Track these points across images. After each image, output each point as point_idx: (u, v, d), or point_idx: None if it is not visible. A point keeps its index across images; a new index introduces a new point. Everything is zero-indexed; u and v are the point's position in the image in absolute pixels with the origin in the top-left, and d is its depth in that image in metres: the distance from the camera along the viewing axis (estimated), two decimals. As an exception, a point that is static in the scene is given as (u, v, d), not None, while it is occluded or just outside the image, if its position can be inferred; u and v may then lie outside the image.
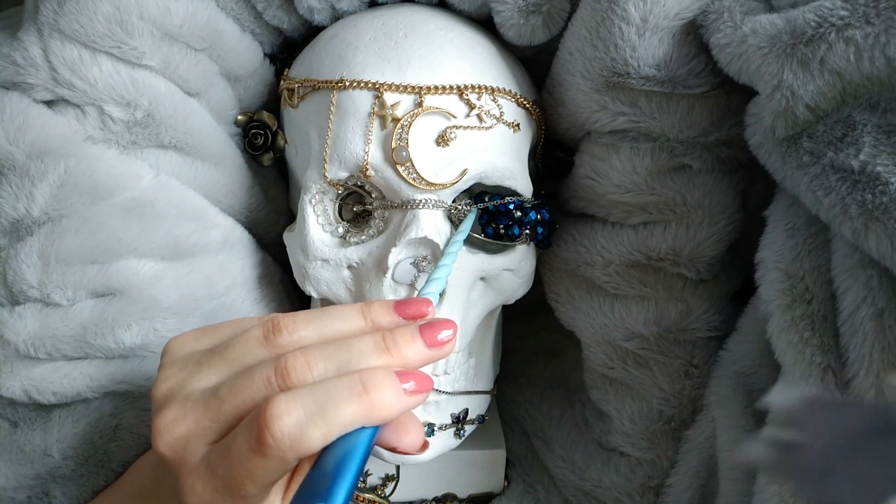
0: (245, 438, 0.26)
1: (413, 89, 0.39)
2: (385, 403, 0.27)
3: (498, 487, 0.51)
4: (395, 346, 0.29)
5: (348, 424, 0.27)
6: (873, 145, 0.33)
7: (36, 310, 0.40)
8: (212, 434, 0.28)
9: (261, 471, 0.26)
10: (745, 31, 0.36)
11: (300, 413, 0.26)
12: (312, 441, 0.26)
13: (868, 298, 0.33)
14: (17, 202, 0.39)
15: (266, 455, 0.26)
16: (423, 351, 0.30)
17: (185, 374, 0.30)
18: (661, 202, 0.44)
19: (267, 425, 0.26)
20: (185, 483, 0.28)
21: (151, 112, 0.41)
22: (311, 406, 0.26)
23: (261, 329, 0.30)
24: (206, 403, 0.28)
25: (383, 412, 0.27)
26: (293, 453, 0.26)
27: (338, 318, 0.31)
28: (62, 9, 0.38)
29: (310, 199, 0.42)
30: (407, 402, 0.28)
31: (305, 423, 0.26)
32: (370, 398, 0.27)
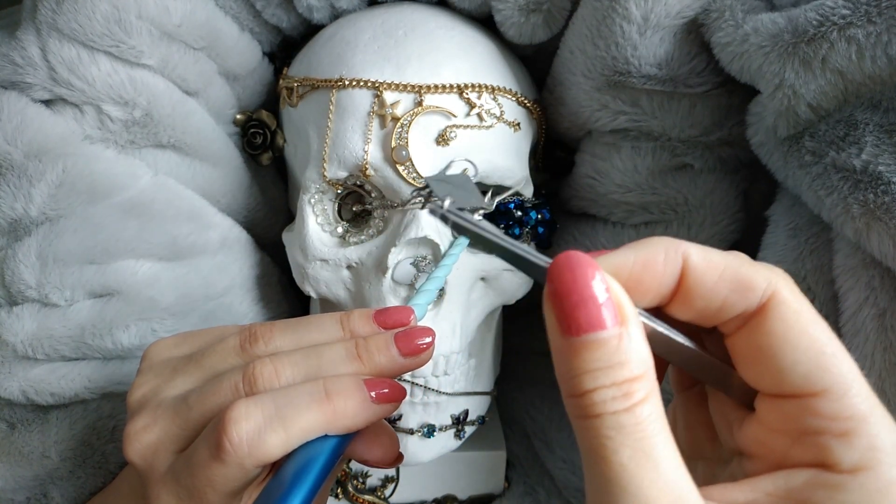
0: (206, 445, 0.26)
1: (413, 88, 0.39)
2: (349, 411, 0.26)
3: (498, 489, 0.51)
4: (368, 354, 0.28)
5: (308, 431, 0.26)
6: (875, 145, 0.33)
7: (34, 310, 0.40)
8: (180, 442, 0.28)
9: (220, 478, 0.26)
10: (746, 29, 0.36)
11: (259, 418, 0.26)
12: (271, 447, 0.25)
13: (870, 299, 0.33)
14: (15, 202, 0.39)
15: (224, 461, 0.25)
16: (396, 359, 0.29)
17: (159, 380, 0.30)
18: (662, 202, 0.43)
19: (225, 430, 0.25)
20: (152, 492, 0.28)
21: (150, 111, 0.41)
22: (271, 411, 0.26)
23: (238, 338, 0.30)
24: (175, 410, 0.28)
25: (347, 420, 0.26)
26: (251, 460, 0.25)
27: (315, 328, 0.30)
28: (60, 8, 0.37)
29: (309, 199, 0.42)
30: (374, 412, 0.27)
31: (264, 428, 0.25)
32: (332, 405, 0.26)
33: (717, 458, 0.25)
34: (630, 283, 0.22)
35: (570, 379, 0.20)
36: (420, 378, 0.40)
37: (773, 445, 0.22)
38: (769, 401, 0.22)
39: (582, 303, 0.20)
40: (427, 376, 0.40)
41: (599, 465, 0.19)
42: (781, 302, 0.21)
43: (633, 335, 0.20)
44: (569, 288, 0.20)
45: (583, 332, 0.20)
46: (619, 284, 0.21)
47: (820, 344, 0.21)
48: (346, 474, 0.48)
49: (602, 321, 0.20)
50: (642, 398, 0.20)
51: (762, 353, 0.21)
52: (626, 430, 0.19)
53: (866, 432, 0.20)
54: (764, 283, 0.21)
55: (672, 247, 0.22)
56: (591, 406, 0.20)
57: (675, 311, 0.23)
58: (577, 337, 0.20)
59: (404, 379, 0.40)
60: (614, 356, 0.20)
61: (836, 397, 0.20)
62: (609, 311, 0.20)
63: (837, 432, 0.20)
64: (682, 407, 0.27)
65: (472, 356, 0.44)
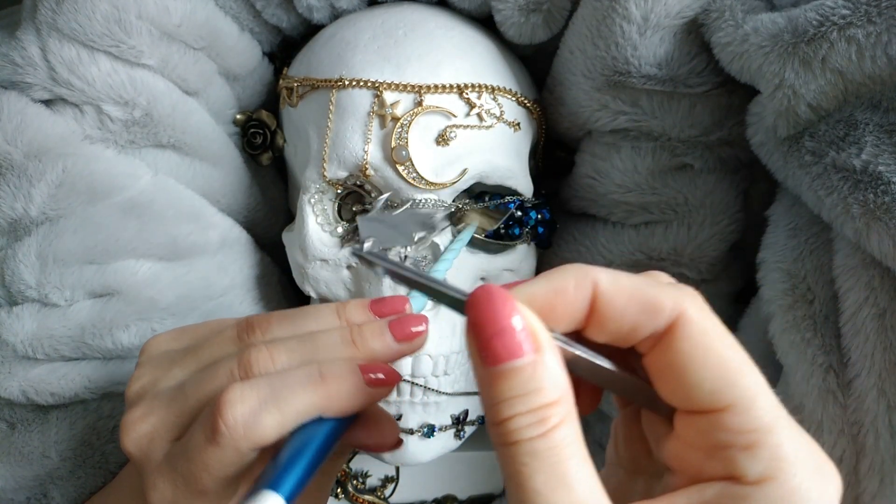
0: (201, 429, 0.26)
1: (413, 88, 0.39)
2: (343, 393, 0.27)
3: (498, 489, 0.51)
4: (362, 339, 0.29)
5: (303, 413, 0.26)
6: (875, 145, 0.33)
7: (34, 310, 0.40)
8: (176, 430, 0.28)
9: (216, 462, 0.26)
10: (746, 29, 0.36)
11: (254, 400, 0.26)
12: (266, 429, 0.26)
13: (870, 299, 0.33)
14: (15, 202, 0.39)
15: (220, 444, 0.26)
16: (391, 344, 0.29)
17: (157, 372, 0.30)
18: (662, 202, 0.43)
19: (220, 412, 0.25)
20: (148, 481, 0.28)
21: (150, 111, 0.41)
22: (266, 393, 0.26)
23: (235, 329, 0.30)
24: (171, 399, 0.28)
25: (341, 402, 0.27)
26: (247, 442, 0.26)
27: (312, 317, 0.30)
28: (60, 8, 0.37)
29: (309, 199, 0.42)
30: (368, 394, 0.27)
31: (259, 410, 0.26)
32: (327, 387, 0.26)
33: (654, 473, 0.25)
34: (544, 311, 0.22)
35: (490, 408, 0.21)
36: (420, 378, 0.40)
37: (690, 460, 0.22)
38: (684, 417, 0.22)
39: (498, 333, 0.21)
40: (427, 376, 0.40)
41: (517, 491, 0.20)
42: (688, 321, 0.22)
43: (548, 361, 0.21)
44: (486, 319, 0.21)
45: (500, 361, 0.21)
46: (534, 313, 0.22)
47: (725, 360, 0.21)
48: (346, 474, 0.48)
49: (518, 350, 0.21)
50: (557, 423, 0.20)
51: (672, 371, 0.22)
52: (541, 456, 0.20)
53: (770, 443, 0.20)
54: (671, 304, 0.22)
55: (582, 273, 0.23)
56: (508, 434, 0.20)
57: (591, 335, 0.23)
58: (495, 366, 0.21)
59: (404, 379, 0.40)
60: (530, 383, 0.20)
61: (740, 411, 0.21)
62: (524, 340, 0.21)
63: (743, 445, 0.20)
64: (623, 423, 0.27)
65: (472, 356, 0.44)
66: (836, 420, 0.34)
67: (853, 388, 0.34)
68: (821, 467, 0.21)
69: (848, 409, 0.34)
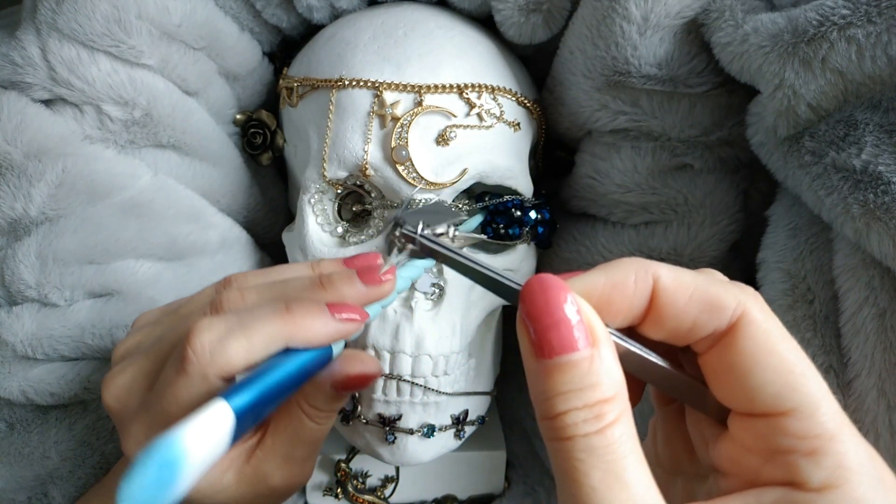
0: (172, 362, 0.27)
1: (413, 88, 0.39)
2: (309, 324, 0.27)
3: (498, 489, 0.51)
4: (331, 283, 0.29)
5: (269, 341, 0.26)
6: (875, 145, 0.33)
7: (34, 310, 0.40)
8: (152, 377, 0.29)
9: (185, 392, 0.26)
10: (746, 29, 0.36)
11: (222, 328, 0.26)
12: (232, 355, 0.26)
13: (870, 299, 0.33)
14: (15, 202, 0.39)
15: (188, 372, 0.26)
16: (359, 287, 0.29)
17: (140, 335, 0.31)
18: (662, 202, 0.43)
19: (189, 341, 0.26)
20: (123, 431, 0.28)
21: (149, 111, 0.41)
22: (234, 323, 0.27)
23: (213, 286, 0.32)
24: (149, 350, 0.29)
25: (307, 333, 0.27)
26: (214, 368, 0.26)
27: (286, 270, 0.31)
28: (60, 8, 0.37)
29: (309, 199, 0.42)
30: (335, 328, 0.28)
31: (226, 336, 0.26)
32: (293, 317, 0.27)
33: (696, 474, 0.25)
34: (601, 305, 0.22)
35: (543, 402, 0.21)
36: (420, 378, 0.40)
37: (746, 464, 0.22)
38: (741, 419, 0.22)
39: (554, 325, 0.20)
40: (427, 376, 0.40)
41: (571, 487, 0.19)
42: (751, 321, 0.21)
43: (605, 356, 0.20)
44: (541, 311, 0.21)
45: (555, 354, 0.20)
46: (590, 306, 0.21)
47: (789, 363, 0.21)
48: (346, 474, 0.48)
49: (574, 343, 0.20)
50: (613, 420, 0.20)
51: (733, 372, 0.21)
52: (597, 453, 0.19)
53: (834, 451, 0.20)
54: (734, 303, 0.22)
55: (642, 267, 0.22)
56: (563, 429, 0.20)
57: (647, 331, 0.23)
58: (550, 359, 0.20)
59: (404, 379, 0.40)
60: (586, 378, 0.20)
61: (804, 416, 0.20)
62: (581, 333, 0.20)
63: (806, 451, 0.20)
64: (662, 422, 0.27)
65: (471, 356, 0.44)
66: (836, 420, 0.34)
67: (853, 389, 0.34)
68: (883, 478, 0.20)
69: (848, 409, 0.34)
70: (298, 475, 0.31)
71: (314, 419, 0.30)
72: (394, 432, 0.41)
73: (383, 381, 0.40)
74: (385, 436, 0.41)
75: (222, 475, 0.29)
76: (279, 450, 0.30)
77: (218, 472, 0.29)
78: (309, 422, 0.30)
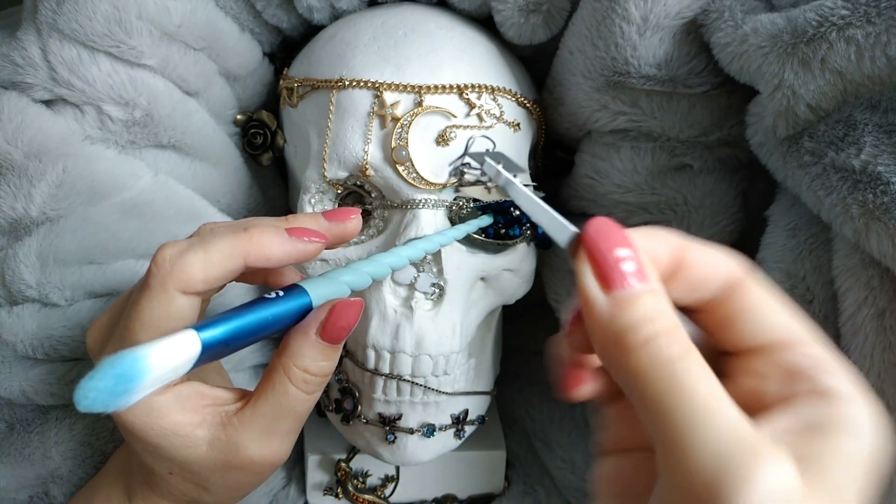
0: (137, 284, 0.28)
1: (413, 88, 0.39)
2: (266, 241, 0.28)
3: (498, 488, 0.51)
4: (295, 218, 0.30)
5: (226, 254, 0.28)
6: (874, 145, 0.33)
7: (34, 310, 0.40)
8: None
9: (146, 305, 0.27)
10: (745, 30, 0.36)
11: (184, 245, 0.28)
12: (190, 265, 0.27)
13: (869, 299, 0.33)
14: (16, 202, 0.39)
15: (150, 286, 0.27)
16: (321, 221, 0.31)
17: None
18: (661, 202, 0.43)
19: (154, 258, 0.28)
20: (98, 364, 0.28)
21: (150, 111, 0.41)
22: (195, 241, 0.28)
23: None
24: (129, 291, 0.30)
25: (265, 249, 0.28)
26: (173, 280, 0.27)
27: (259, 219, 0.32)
28: (61, 8, 0.37)
29: (309, 199, 0.42)
30: (293, 246, 0.29)
31: (186, 250, 0.28)
32: (249, 234, 0.28)
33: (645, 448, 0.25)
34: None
35: (622, 334, 0.21)
36: (420, 378, 0.40)
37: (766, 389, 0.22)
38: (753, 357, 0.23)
39: (626, 258, 0.21)
40: (427, 376, 0.40)
41: (681, 408, 0.19)
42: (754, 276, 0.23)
43: (661, 290, 0.22)
44: (614, 242, 0.21)
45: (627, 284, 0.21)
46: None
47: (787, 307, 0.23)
48: (347, 474, 0.48)
49: (645, 274, 0.21)
50: (689, 343, 0.21)
51: (751, 312, 0.23)
52: (700, 366, 0.20)
53: (846, 369, 0.22)
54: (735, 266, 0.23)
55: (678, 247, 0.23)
56: (659, 349, 0.20)
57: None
58: (624, 289, 0.21)
59: (405, 379, 0.40)
60: (660, 303, 0.21)
61: (816, 343, 0.22)
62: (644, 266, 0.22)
63: (826, 369, 0.21)
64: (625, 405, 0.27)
65: (471, 356, 0.44)
66: (835, 420, 0.34)
67: (852, 388, 0.34)
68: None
69: (847, 408, 0.34)
70: (276, 451, 0.30)
71: (300, 385, 0.29)
72: (394, 432, 0.41)
73: (383, 380, 0.40)
74: (385, 435, 0.41)
75: (194, 429, 0.29)
76: (260, 421, 0.29)
77: (190, 426, 0.29)
78: (294, 390, 0.29)
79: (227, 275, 0.28)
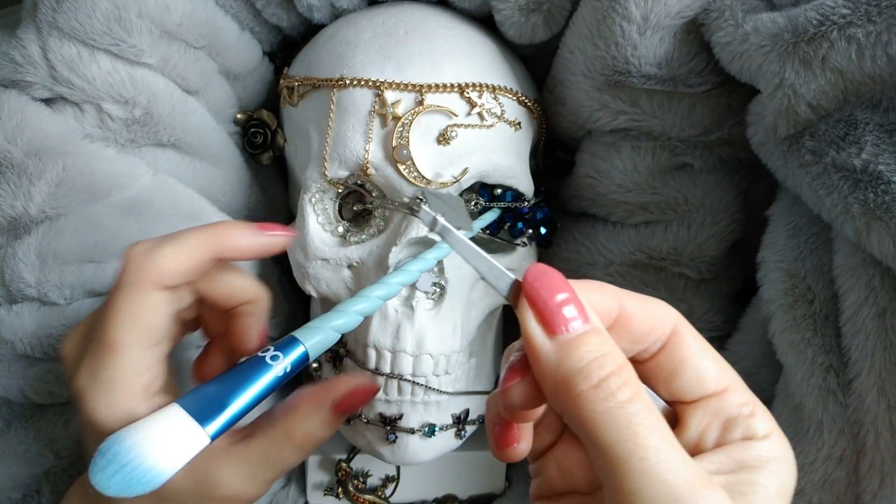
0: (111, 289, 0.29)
1: (414, 87, 0.39)
2: (235, 234, 0.30)
3: (499, 488, 0.51)
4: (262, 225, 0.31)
5: (197, 247, 0.29)
6: (875, 144, 0.33)
7: (33, 308, 0.40)
8: None
9: (121, 306, 0.28)
10: (746, 29, 0.36)
11: (154, 241, 0.29)
12: (160, 258, 0.28)
13: (870, 298, 0.33)
14: (15, 200, 0.39)
15: (122, 283, 0.28)
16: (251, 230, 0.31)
17: None
18: (662, 201, 0.43)
19: (125, 256, 0.28)
20: (73, 379, 0.28)
21: (150, 110, 0.41)
22: (166, 237, 0.29)
23: None
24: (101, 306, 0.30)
25: (234, 241, 0.29)
26: (146, 275, 0.28)
27: None
28: (61, 6, 0.37)
29: (310, 199, 0.42)
30: (262, 240, 0.30)
31: (156, 245, 0.28)
32: (219, 227, 0.30)
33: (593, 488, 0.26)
34: None
35: (572, 376, 0.21)
36: (421, 377, 0.40)
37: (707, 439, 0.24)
38: (691, 408, 0.24)
39: (566, 302, 0.22)
40: (428, 375, 0.40)
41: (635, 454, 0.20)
42: (685, 327, 0.25)
43: (603, 329, 0.22)
44: (551, 289, 0.22)
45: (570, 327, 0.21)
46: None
47: (715, 353, 0.25)
48: (347, 474, 0.48)
49: (586, 315, 0.22)
50: (637, 384, 0.21)
51: (684, 365, 0.24)
52: (649, 413, 0.20)
53: (762, 409, 0.24)
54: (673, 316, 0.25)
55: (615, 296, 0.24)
56: (611, 394, 0.20)
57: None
58: (567, 334, 0.21)
59: (405, 378, 0.40)
60: (605, 344, 0.22)
61: (739, 389, 0.24)
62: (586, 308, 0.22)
63: (748, 413, 0.24)
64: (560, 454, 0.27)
65: (472, 355, 0.44)
66: (836, 419, 0.34)
67: (853, 388, 0.34)
68: None
69: (848, 408, 0.34)
70: (252, 495, 0.30)
71: (299, 445, 0.30)
72: (395, 431, 0.41)
73: (384, 380, 0.40)
74: (386, 435, 0.41)
75: None
76: (247, 465, 0.29)
77: None
78: (291, 448, 0.30)
79: (199, 267, 0.29)
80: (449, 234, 0.26)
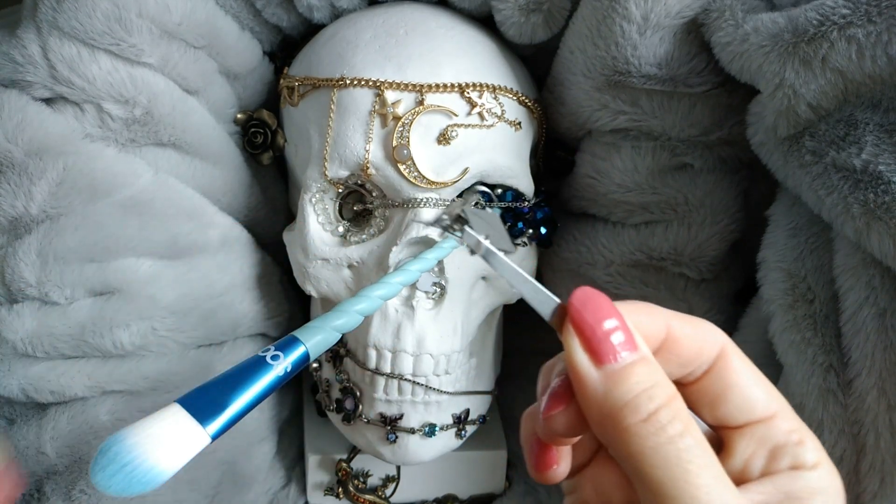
0: None
1: (414, 87, 0.39)
2: None
3: (499, 488, 0.51)
4: None
5: None
6: (875, 144, 0.33)
7: (34, 308, 0.40)
8: None
9: None
10: (746, 29, 0.36)
11: None
12: None
13: (870, 298, 0.33)
14: (16, 200, 0.39)
15: None
16: None
17: None
18: (662, 201, 0.43)
19: None
20: None
21: (150, 110, 0.41)
22: None
23: None
24: None
25: None
26: None
27: None
28: (61, 6, 0.37)
29: (310, 199, 0.42)
30: None
31: None
32: None
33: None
34: None
35: (620, 409, 0.20)
36: (421, 377, 0.40)
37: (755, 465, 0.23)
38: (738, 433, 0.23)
39: (615, 329, 0.21)
40: (428, 375, 0.40)
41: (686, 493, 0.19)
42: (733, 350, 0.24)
43: (652, 358, 0.21)
44: (601, 315, 0.21)
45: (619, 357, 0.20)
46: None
47: (763, 377, 0.24)
48: (347, 473, 0.48)
49: (634, 344, 0.21)
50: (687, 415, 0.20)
51: (734, 389, 0.23)
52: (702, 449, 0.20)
53: (811, 437, 0.23)
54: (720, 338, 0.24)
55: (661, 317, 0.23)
56: (661, 429, 0.20)
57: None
58: (615, 363, 0.20)
59: (406, 378, 0.40)
60: (655, 374, 0.21)
61: (787, 415, 0.23)
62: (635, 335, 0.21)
63: (796, 441, 0.23)
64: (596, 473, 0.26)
65: (473, 355, 0.44)
66: (836, 419, 0.34)
67: (853, 388, 0.34)
68: None
69: (848, 408, 0.34)
70: None
71: None
72: (395, 431, 0.41)
73: (385, 380, 0.40)
74: (386, 435, 0.41)
75: None
76: None
77: None
78: None
79: None
80: (493, 257, 0.26)
